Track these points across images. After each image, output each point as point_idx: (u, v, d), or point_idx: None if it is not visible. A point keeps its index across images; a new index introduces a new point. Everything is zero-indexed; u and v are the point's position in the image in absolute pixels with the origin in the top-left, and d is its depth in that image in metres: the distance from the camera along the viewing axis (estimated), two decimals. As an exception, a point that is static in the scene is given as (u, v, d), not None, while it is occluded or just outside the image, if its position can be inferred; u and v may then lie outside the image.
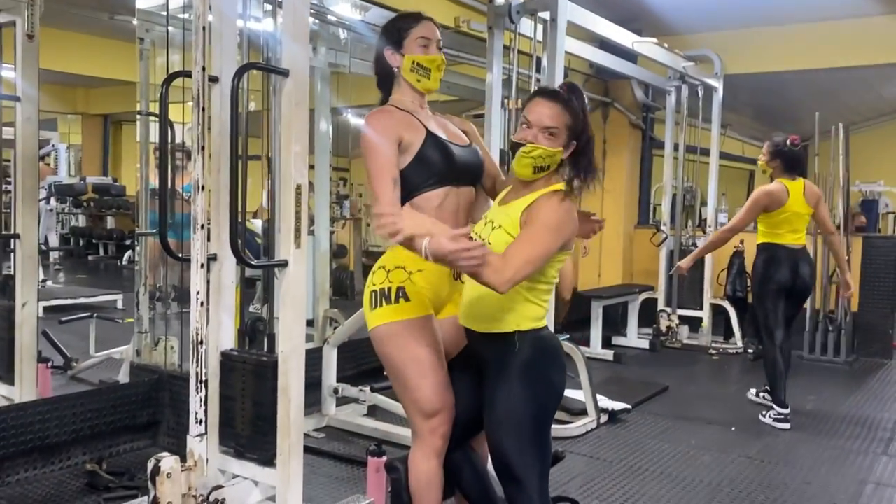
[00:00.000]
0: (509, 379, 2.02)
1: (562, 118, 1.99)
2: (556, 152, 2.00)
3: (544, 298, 2.05)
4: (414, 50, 2.22)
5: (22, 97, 3.57)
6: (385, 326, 2.16)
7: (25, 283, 3.59)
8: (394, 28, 2.27)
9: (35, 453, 3.16)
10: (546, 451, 2.07)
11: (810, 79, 7.82)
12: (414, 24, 2.23)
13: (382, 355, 2.23)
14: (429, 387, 2.13)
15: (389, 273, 2.19)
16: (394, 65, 2.25)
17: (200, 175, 2.59)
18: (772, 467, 3.64)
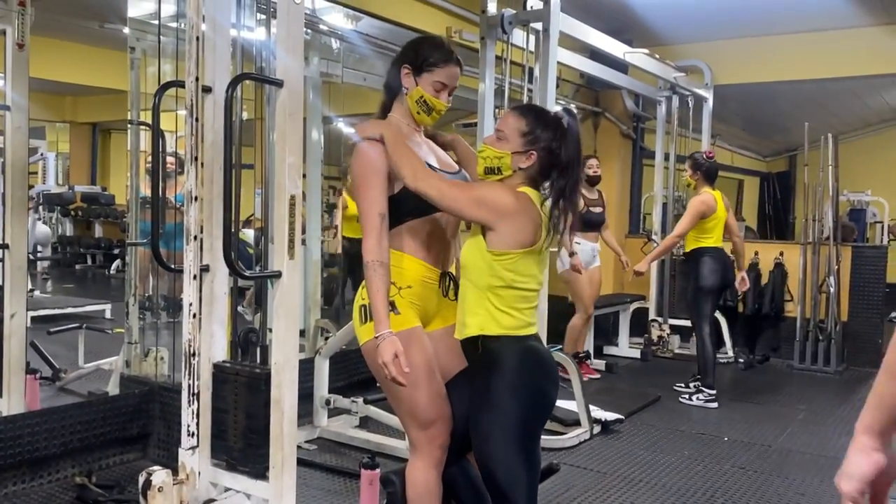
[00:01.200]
0: (492, 390, 2.01)
1: (514, 123, 2.06)
2: (502, 154, 2.05)
3: (515, 306, 2.03)
4: (428, 87, 2.20)
5: (12, 106, 3.53)
6: (368, 345, 2.16)
7: (14, 294, 3.55)
8: (421, 53, 2.23)
9: (23, 467, 3.12)
10: (533, 464, 2.05)
11: (799, 89, 7.88)
12: (441, 64, 2.20)
13: (372, 370, 2.22)
14: (423, 396, 2.12)
15: None
16: (405, 85, 2.24)
17: (193, 186, 2.57)
18: (765, 478, 3.64)
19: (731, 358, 6.42)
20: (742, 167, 12.61)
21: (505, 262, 2.01)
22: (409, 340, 2.12)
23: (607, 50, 5.30)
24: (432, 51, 2.22)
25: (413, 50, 2.25)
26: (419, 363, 2.12)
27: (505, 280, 2.01)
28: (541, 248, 2.05)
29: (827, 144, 6.30)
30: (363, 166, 2.14)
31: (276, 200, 2.60)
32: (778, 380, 5.86)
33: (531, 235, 2.01)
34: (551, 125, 2.06)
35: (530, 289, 2.06)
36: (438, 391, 2.15)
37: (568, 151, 2.05)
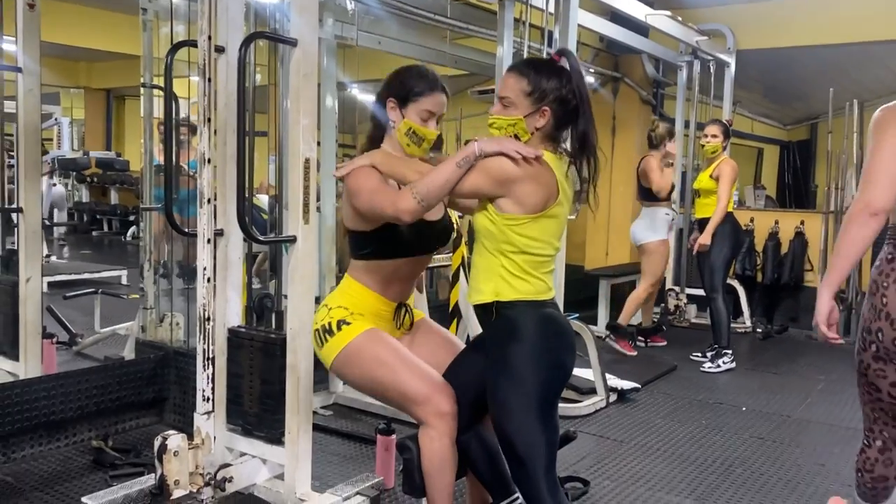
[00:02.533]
0: (509, 357, 1.97)
1: (515, 86, 1.99)
2: (514, 120, 1.99)
3: (530, 272, 1.99)
4: (414, 117, 2.17)
5: (23, 68, 3.49)
6: (337, 357, 2.17)
7: (29, 259, 3.54)
8: (405, 84, 2.20)
9: (40, 429, 3.13)
10: (551, 431, 2.01)
11: (822, 55, 7.68)
12: (426, 93, 2.17)
13: (352, 382, 2.25)
14: (406, 376, 2.11)
15: (331, 310, 2.21)
16: (391, 119, 2.21)
17: (206, 148, 2.53)
18: (784, 448, 3.61)
19: (749, 328, 6.37)
20: (762, 135, 12.39)
21: (516, 227, 1.96)
22: (369, 338, 2.14)
23: (629, 12, 5.17)
24: (416, 80, 2.19)
25: (397, 82, 2.22)
26: (387, 351, 2.14)
27: (517, 245, 1.97)
28: (556, 212, 1.99)
29: (852, 111, 6.15)
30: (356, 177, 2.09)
31: (291, 164, 2.56)
32: (796, 349, 5.80)
33: (543, 199, 1.96)
34: (554, 74, 2.00)
35: (545, 254, 2.01)
36: (420, 367, 2.14)
37: (579, 93, 1.99)
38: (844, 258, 2.12)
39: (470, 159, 1.95)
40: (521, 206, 1.95)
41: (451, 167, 1.95)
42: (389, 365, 2.12)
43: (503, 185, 1.94)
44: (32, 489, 2.85)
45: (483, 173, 1.95)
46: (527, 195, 1.94)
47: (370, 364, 2.14)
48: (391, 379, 2.11)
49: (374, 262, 2.20)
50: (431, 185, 1.95)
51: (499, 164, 1.94)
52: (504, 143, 1.95)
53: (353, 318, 2.17)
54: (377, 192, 2.03)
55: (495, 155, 1.93)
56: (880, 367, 2.15)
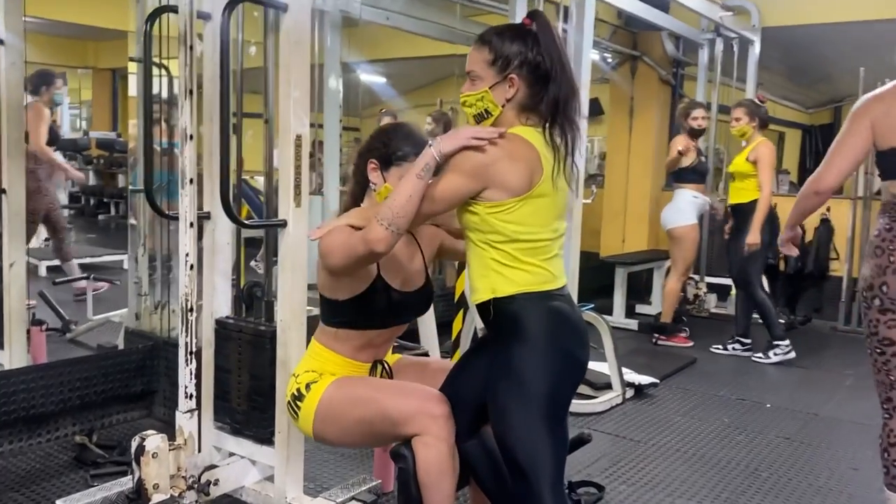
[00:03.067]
0: (512, 358, 1.76)
1: (478, 57, 1.81)
2: (481, 94, 1.80)
3: (526, 260, 1.76)
4: (396, 183, 1.96)
5: (5, 41, 3.29)
6: (315, 421, 2.00)
7: (13, 242, 3.36)
8: (388, 146, 2.02)
9: (20, 424, 2.95)
10: (559, 441, 1.79)
11: (850, 32, 7.35)
12: (410, 158, 1.96)
13: (339, 440, 2.09)
14: (388, 401, 1.93)
15: (298, 377, 2.07)
16: (372, 181, 2.04)
17: (188, 122, 2.32)
18: (813, 450, 3.37)
19: (771, 318, 6.10)
20: (783, 118, 12.05)
21: (500, 214, 1.74)
22: (339, 385, 2.00)
23: (650, -16, 4.89)
24: (400, 143, 2.01)
25: (380, 142, 2.04)
26: (361, 387, 2.00)
27: (505, 234, 1.75)
28: (545, 190, 1.76)
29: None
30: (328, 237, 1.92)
31: (281, 142, 2.35)
32: (821, 342, 5.54)
33: (526, 177, 1.73)
34: (518, 38, 1.78)
35: (541, 238, 1.78)
36: (399, 387, 1.99)
37: (549, 54, 1.76)
38: (792, 219, 2.57)
39: (431, 166, 1.76)
40: (505, 191, 1.73)
41: (411, 181, 1.76)
42: (367, 398, 1.96)
43: (481, 176, 1.73)
44: (7, 489, 2.66)
45: (456, 173, 1.75)
46: (507, 176, 1.72)
47: (347, 409, 1.97)
48: (374, 410, 1.94)
49: (344, 332, 2.05)
50: (394, 205, 1.75)
51: (466, 157, 1.74)
52: (459, 135, 1.76)
53: (321, 378, 2.02)
54: (349, 240, 1.87)
55: (457, 152, 1.74)
56: (888, 318, 2.25)
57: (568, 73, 1.79)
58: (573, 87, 1.81)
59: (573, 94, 1.81)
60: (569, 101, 1.79)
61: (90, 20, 8.59)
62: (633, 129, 7.17)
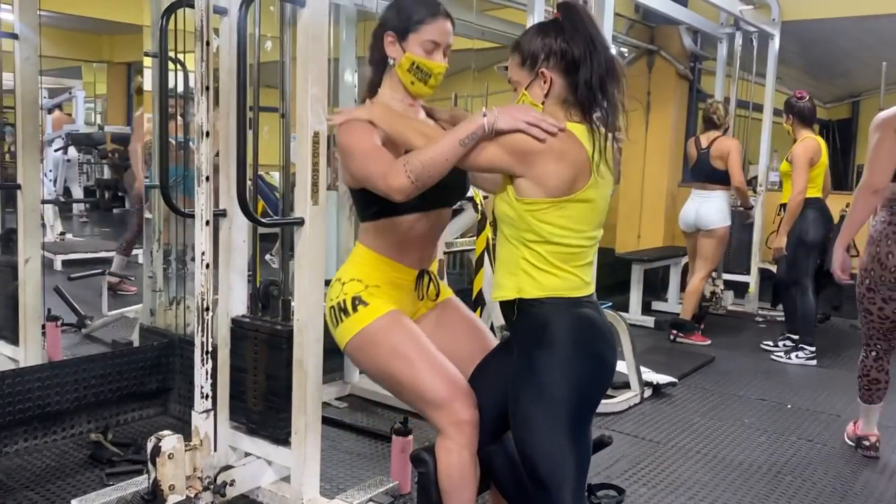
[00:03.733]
0: (536, 366, 1.71)
1: (513, 63, 1.79)
2: (520, 99, 1.78)
3: (558, 265, 1.71)
4: (417, 50, 1.91)
5: (20, 35, 3.27)
6: (352, 341, 1.93)
7: (28, 238, 3.34)
8: (403, 13, 1.92)
9: (35, 422, 2.94)
10: (581, 451, 1.74)
11: (871, 26, 7.24)
12: (428, 20, 1.90)
13: (365, 370, 2.02)
14: (425, 374, 1.86)
15: (344, 285, 1.96)
16: (391, 55, 1.94)
17: (204, 119, 2.29)
18: (837, 453, 3.32)
19: (790, 316, 6.03)
20: (801, 114, 11.91)
21: (537, 213, 1.68)
22: (388, 325, 1.90)
23: (670, -22, 4.81)
24: (414, 7, 1.91)
25: (393, 11, 1.95)
26: (406, 342, 1.89)
27: (540, 234, 1.69)
28: (589, 196, 1.70)
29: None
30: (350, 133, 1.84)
31: (299, 138, 2.31)
32: (841, 341, 5.46)
33: (568, 181, 1.67)
34: (542, 32, 1.74)
35: (576, 244, 1.72)
36: (442, 366, 1.89)
37: (575, 40, 1.70)
38: (855, 223, 3.03)
39: (477, 135, 1.68)
40: (541, 189, 1.67)
41: (452, 144, 1.69)
42: (407, 358, 1.88)
43: (523, 161, 1.67)
44: (23, 487, 2.65)
45: (499, 146, 1.68)
46: (548, 175, 1.66)
47: (386, 354, 1.90)
48: (408, 375, 1.88)
49: (384, 222, 1.94)
50: (428, 162, 1.69)
51: (517, 140, 1.67)
52: (519, 115, 1.67)
53: (370, 295, 1.92)
54: (370, 158, 1.78)
55: (511, 132, 1.67)
56: (871, 296, 3.08)
57: (602, 54, 1.71)
58: (611, 66, 1.73)
59: (611, 73, 1.72)
60: (604, 81, 1.71)
61: (105, 14, 8.58)
62: (649, 123, 7.08)
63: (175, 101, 3.65)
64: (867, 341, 3.24)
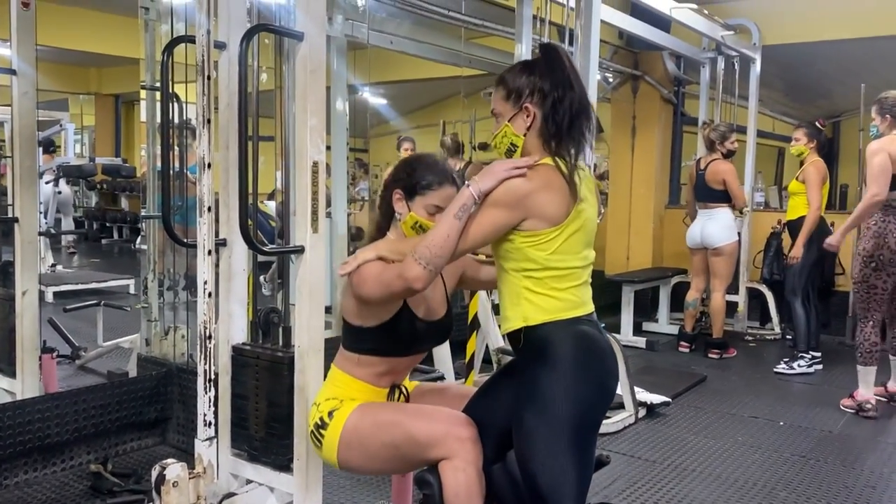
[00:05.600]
0: (540, 385, 1.76)
1: (497, 96, 1.89)
2: (503, 129, 1.87)
3: (556, 287, 1.78)
4: (421, 211, 2.03)
5: (18, 71, 3.32)
6: (339, 446, 1.99)
7: (25, 271, 3.36)
8: (412, 175, 2.05)
9: (35, 453, 2.94)
10: (583, 469, 1.79)
11: (848, 50, 7.41)
12: (434, 187, 2.02)
13: (363, 467, 2.07)
14: (414, 424, 1.91)
15: (320, 406, 2.08)
16: (398, 211, 2.07)
17: (206, 152, 2.33)
18: (829, 468, 3.36)
19: (779, 334, 6.12)
20: (783, 134, 12.10)
21: (534, 242, 1.76)
22: (363, 412, 1.99)
23: (653, 4, 4.94)
24: (425, 173, 2.04)
25: (405, 172, 2.07)
26: (385, 411, 1.99)
27: (538, 261, 1.77)
28: (579, 218, 1.78)
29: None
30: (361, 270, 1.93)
31: (298, 168, 2.36)
32: (830, 358, 5.51)
33: (564, 206, 1.76)
34: (527, 69, 1.85)
35: (570, 266, 1.79)
36: (425, 410, 1.98)
37: (554, 80, 1.81)
38: (858, 220, 4.06)
39: (468, 207, 1.78)
40: (544, 221, 1.76)
41: (448, 221, 1.78)
42: (392, 422, 1.95)
43: (519, 206, 1.76)
44: (24, 520, 2.66)
45: (496, 207, 1.77)
46: (546, 206, 1.76)
47: (373, 434, 1.96)
48: (400, 434, 1.92)
49: (367, 358, 2.06)
50: (431, 244, 1.77)
51: (506, 190, 1.76)
52: (496, 171, 1.78)
53: (342, 405, 2.02)
54: (383, 273, 1.89)
55: (496, 187, 1.76)
56: (878, 274, 3.94)
57: (577, 94, 1.82)
58: (585, 105, 1.84)
59: (584, 112, 1.84)
60: (576, 119, 1.82)
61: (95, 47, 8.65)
62: (635, 147, 7.20)
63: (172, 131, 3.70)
64: (865, 314, 4.03)
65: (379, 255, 1.93)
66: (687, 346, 5.66)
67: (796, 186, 5.14)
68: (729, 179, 5.33)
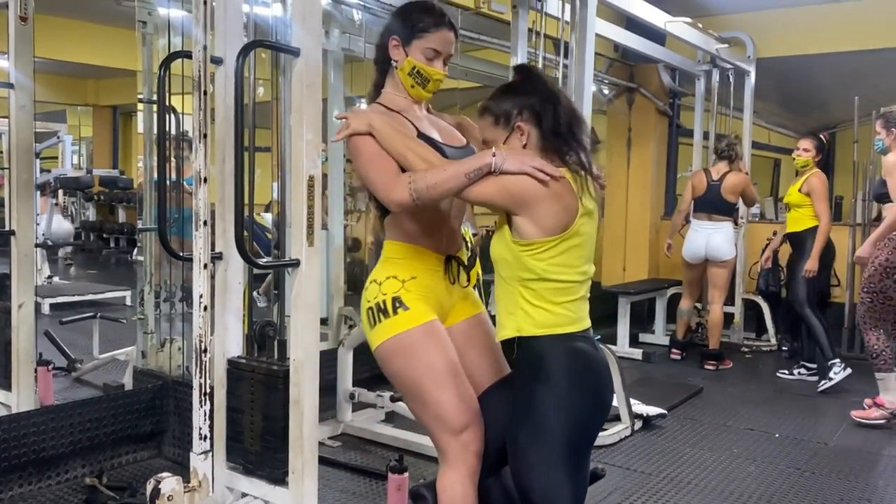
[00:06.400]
0: (535, 401, 1.77)
1: (485, 125, 1.92)
2: None
3: (552, 300, 1.79)
4: (419, 56, 2.01)
5: (15, 84, 3.33)
6: (388, 343, 1.95)
7: (22, 283, 3.37)
8: (409, 19, 2.03)
9: (30, 467, 2.94)
10: (578, 484, 1.80)
11: (842, 62, 7.46)
12: (431, 29, 2.00)
13: (392, 375, 2.02)
14: (451, 398, 1.90)
15: (381, 285, 1.99)
16: (394, 58, 2.04)
17: (202, 166, 2.34)
18: (824, 480, 3.37)
19: (774, 346, 6.13)
20: (778, 146, 12.16)
21: (532, 252, 1.78)
22: (427, 337, 1.92)
23: (648, 18, 4.97)
24: (420, 15, 2.02)
25: (399, 17, 2.06)
26: (440, 363, 1.92)
27: (535, 272, 1.78)
28: (578, 233, 1.80)
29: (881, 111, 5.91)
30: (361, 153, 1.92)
31: (294, 182, 2.37)
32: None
33: (563, 221, 1.78)
34: (509, 92, 1.89)
35: (568, 280, 1.80)
36: (467, 392, 1.93)
37: (541, 93, 1.85)
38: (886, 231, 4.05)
39: (482, 172, 1.78)
40: (539, 229, 1.77)
41: (458, 175, 1.78)
42: (438, 377, 1.91)
43: (522, 204, 1.77)
44: (19, 533, 2.65)
45: (501, 188, 1.78)
46: (545, 216, 1.77)
47: (420, 367, 1.92)
48: (435, 395, 1.91)
49: (404, 215, 1.99)
50: (432, 187, 1.79)
51: (520, 183, 1.77)
52: (525, 160, 1.78)
53: (409, 297, 1.95)
54: (374, 164, 1.88)
55: (516, 174, 1.77)
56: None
57: (564, 104, 1.87)
58: (574, 112, 1.88)
59: (575, 118, 1.87)
60: (572, 125, 1.85)
61: (93, 59, 8.67)
62: (631, 159, 7.23)
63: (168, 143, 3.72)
64: (876, 324, 4.09)
65: (371, 129, 1.89)
66: (679, 353, 5.70)
67: (800, 198, 5.05)
68: (749, 188, 5.50)
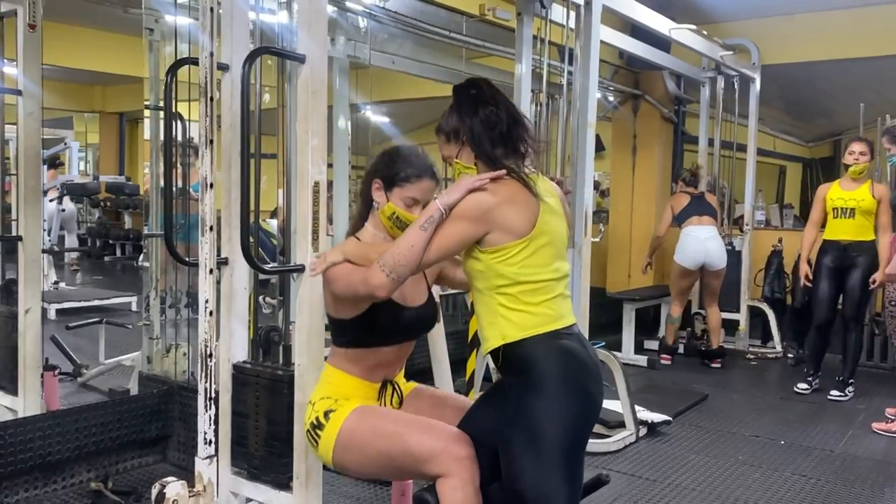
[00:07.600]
0: (523, 404, 1.78)
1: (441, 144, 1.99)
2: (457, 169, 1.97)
3: (530, 301, 1.81)
4: (398, 202, 2.07)
5: (24, 91, 3.37)
6: (335, 449, 2.01)
7: (29, 289, 3.39)
8: (392, 167, 2.10)
9: (36, 472, 2.95)
10: (572, 487, 1.81)
11: (848, 69, 7.46)
12: (413, 180, 2.06)
13: (357, 470, 2.13)
14: (411, 435, 1.93)
15: (315, 405, 2.09)
16: (376, 200, 2.11)
17: (209, 171, 2.36)
18: (830, 487, 3.35)
19: (780, 353, 6.11)
20: (784, 153, 12.16)
21: (503, 258, 1.80)
22: (362, 416, 2.01)
23: (652, 26, 4.98)
24: (405, 165, 2.08)
25: (385, 163, 2.12)
26: (383, 419, 2.01)
27: (508, 276, 1.80)
28: (543, 230, 1.83)
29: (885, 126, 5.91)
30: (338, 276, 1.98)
31: (299, 188, 2.39)
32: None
33: (527, 221, 1.81)
34: (452, 109, 1.96)
35: (542, 279, 1.83)
36: (424, 423, 1.98)
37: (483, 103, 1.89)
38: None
39: (434, 219, 1.82)
40: (509, 234, 1.80)
41: (414, 231, 1.83)
42: (389, 432, 1.96)
43: (484, 220, 1.81)
44: (25, 538, 2.66)
45: (460, 219, 1.81)
46: (510, 219, 1.80)
47: (369, 440, 1.98)
48: (396, 444, 1.94)
49: (354, 351, 2.09)
50: (398, 255, 1.81)
51: (470, 202, 1.81)
52: (461, 185, 1.84)
53: (338, 405, 2.04)
54: (349, 275, 1.94)
55: (461, 199, 1.81)
56: None
57: (504, 108, 1.91)
58: (516, 115, 1.93)
59: (517, 121, 1.92)
60: (512, 128, 1.90)
61: (101, 66, 8.73)
62: (636, 166, 7.24)
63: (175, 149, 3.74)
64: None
65: (346, 258, 1.96)
66: (669, 358, 5.77)
67: (872, 203, 4.64)
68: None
